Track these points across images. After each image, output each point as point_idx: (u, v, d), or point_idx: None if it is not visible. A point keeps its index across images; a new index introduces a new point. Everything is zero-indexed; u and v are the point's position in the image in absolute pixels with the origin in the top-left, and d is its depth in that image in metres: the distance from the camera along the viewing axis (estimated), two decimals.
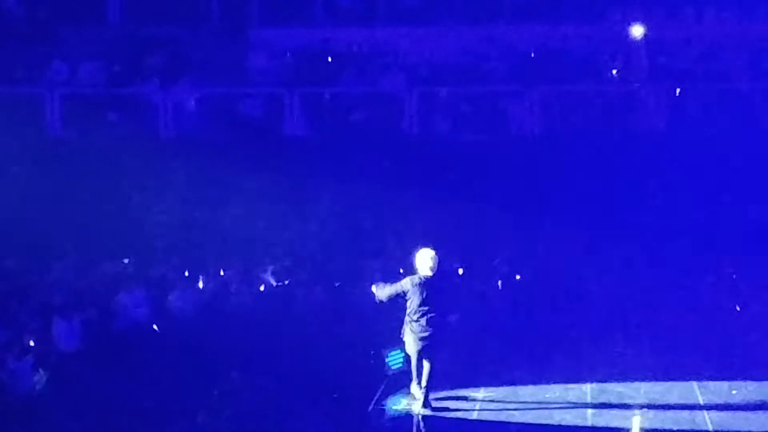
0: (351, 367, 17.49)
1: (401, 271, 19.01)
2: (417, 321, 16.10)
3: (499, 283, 21.20)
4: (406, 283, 16.29)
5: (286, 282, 21.03)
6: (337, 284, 20.99)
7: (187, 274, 21.37)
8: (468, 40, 24.34)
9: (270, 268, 21.34)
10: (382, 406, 16.31)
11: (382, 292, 16.59)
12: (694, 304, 19.86)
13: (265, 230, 22.26)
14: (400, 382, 17.02)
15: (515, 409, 15.94)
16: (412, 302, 16.14)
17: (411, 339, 16.24)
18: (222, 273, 21.35)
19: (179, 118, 23.70)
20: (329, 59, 24.46)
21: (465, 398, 16.47)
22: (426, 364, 16.22)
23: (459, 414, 15.97)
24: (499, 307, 20.51)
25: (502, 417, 15.66)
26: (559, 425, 15.31)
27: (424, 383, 16.23)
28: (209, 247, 22.23)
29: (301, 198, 22.67)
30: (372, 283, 20.66)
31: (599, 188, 22.42)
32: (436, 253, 16.27)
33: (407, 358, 17.04)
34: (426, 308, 16.03)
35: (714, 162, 22.46)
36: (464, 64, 24.13)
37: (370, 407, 16.21)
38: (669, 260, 21.49)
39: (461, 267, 20.94)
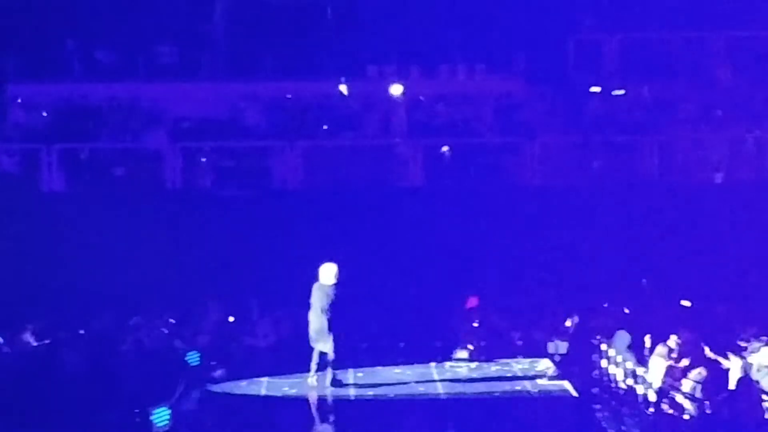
0: (115, 426, 17.20)
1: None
2: (319, 319, 19.14)
3: None
4: (314, 290, 19.27)
5: (47, 341, 20.60)
6: (81, 332, 20.93)
7: None
8: (229, 95, 24.49)
9: (29, 326, 20.84)
10: None
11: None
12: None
13: (24, 288, 21.75)
14: None
15: None
16: (315, 305, 19.20)
17: (315, 333, 19.25)
18: None
19: None
20: (88, 115, 24.19)
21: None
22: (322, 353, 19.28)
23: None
24: None
25: None
26: (329, 399, 18.85)
27: (314, 367, 19.27)
28: None
29: (61, 254, 22.24)
30: (133, 340, 20.61)
31: (362, 239, 22.81)
32: (337, 267, 19.20)
33: (173, 416, 17.21)
34: (326, 310, 19.13)
35: (468, 214, 23.23)
36: (225, 119, 24.28)
37: None
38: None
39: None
